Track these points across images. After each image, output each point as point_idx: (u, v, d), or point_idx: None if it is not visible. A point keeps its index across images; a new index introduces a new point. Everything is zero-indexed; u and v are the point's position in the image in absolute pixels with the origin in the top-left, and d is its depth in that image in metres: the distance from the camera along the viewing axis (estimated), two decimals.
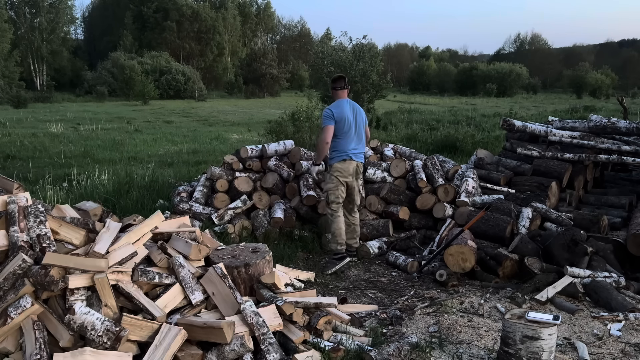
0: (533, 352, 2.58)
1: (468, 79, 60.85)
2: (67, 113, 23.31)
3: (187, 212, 5.53)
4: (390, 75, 26.33)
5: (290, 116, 11.90)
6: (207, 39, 61.45)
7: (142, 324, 2.52)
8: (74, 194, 6.50)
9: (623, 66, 67.90)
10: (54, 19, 53.92)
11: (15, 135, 13.95)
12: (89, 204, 3.51)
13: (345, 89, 4.72)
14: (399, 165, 6.06)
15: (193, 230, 3.33)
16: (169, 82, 44.12)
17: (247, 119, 22.90)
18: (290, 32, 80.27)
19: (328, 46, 31.46)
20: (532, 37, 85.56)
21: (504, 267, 4.12)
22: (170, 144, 13.24)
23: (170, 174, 8.16)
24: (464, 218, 5.04)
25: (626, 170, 7.40)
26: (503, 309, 3.61)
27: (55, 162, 9.82)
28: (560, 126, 6.86)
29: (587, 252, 4.06)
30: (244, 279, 3.09)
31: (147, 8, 59.57)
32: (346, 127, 4.56)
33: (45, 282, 2.48)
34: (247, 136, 15.33)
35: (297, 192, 5.69)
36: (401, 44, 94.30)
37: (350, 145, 4.63)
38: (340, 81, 4.70)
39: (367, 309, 3.66)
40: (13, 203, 2.88)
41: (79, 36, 70.77)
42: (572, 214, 5.23)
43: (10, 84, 38.15)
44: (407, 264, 4.53)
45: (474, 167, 6.25)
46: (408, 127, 15.64)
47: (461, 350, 3.02)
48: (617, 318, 3.45)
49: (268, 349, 2.60)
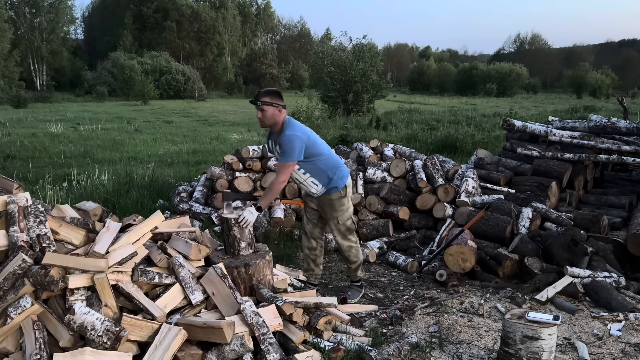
0: (533, 352, 2.58)
1: (468, 79, 60.83)
2: (67, 113, 23.31)
3: (187, 212, 5.54)
4: (390, 75, 26.34)
5: (290, 116, 11.93)
6: (207, 39, 61.45)
7: (142, 324, 2.51)
8: (74, 194, 6.50)
9: (623, 66, 67.89)
10: (54, 19, 53.90)
11: (15, 135, 13.94)
12: (89, 204, 3.51)
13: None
14: (399, 165, 6.06)
15: (193, 230, 3.33)
16: (168, 82, 44.12)
17: (247, 119, 22.91)
18: (290, 32, 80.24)
19: (328, 46, 31.51)
20: (532, 37, 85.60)
21: (504, 267, 4.12)
22: (170, 144, 13.24)
23: (170, 174, 8.16)
24: (464, 218, 5.04)
25: (626, 170, 7.40)
26: (503, 309, 3.61)
27: (55, 162, 9.82)
28: (560, 126, 6.86)
29: (587, 252, 4.06)
30: (243, 279, 3.09)
31: (147, 8, 59.58)
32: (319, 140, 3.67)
33: (45, 282, 2.48)
34: (247, 136, 15.33)
35: (298, 193, 5.69)
36: (401, 44, 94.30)
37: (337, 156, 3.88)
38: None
39: (367, 309, 3.66)
40: (13, 203, 2.88)
41: (79, 36, 70.87)
42: (572, 214, 5.23)
43: (10, 84, 38.16)
44: (407, 264, 4.53)
45: (474, 167, 6.25)
46: (408, 127, 15.63)
47: (461, 350, 3.02)
48: (617, 318, 3.45)
49: (268, 349, 2.60)
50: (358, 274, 3.97)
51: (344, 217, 3.75)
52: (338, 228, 3.78)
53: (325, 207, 3.74)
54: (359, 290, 3.98)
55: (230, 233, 3.21)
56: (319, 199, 3.72)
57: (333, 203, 3.70)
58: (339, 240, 3.83)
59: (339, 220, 3.75)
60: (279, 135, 3.51)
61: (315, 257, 3.96)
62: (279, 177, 3.46)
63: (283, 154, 3.44)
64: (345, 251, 3.87)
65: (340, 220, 3.75)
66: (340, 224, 3.76)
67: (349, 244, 3.85)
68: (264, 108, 3.46)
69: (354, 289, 3.97)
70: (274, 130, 3.60)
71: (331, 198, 3.68)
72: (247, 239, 3.25)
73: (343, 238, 3.82)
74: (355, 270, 3.95)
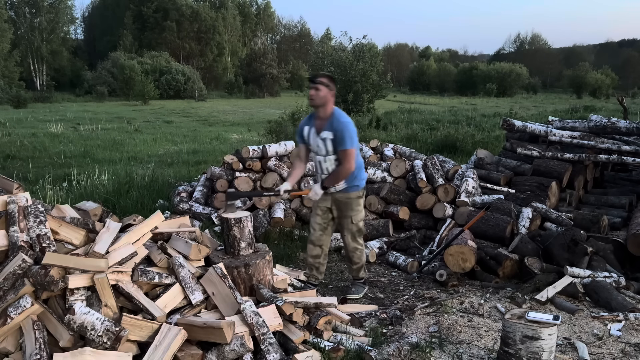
0: (533, 352, 2.58)
1: (468, 79, 60.90)
2: (67, 113, 23.33)
3: (187, 212, 5.54)
4: (390, 75, 26.36)
5: (290, 116, 11.94)
6: (207, 39, 61.48)
7: (142, 324, 2.51)
8: (74, 194, 6.50)
9: (623, 66, 67.93)
10: (54, 19, 53.94)
11: (15, 135, 13.96)
12: (89, 204, 3.51)
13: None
14: (399, 165, 6.06)
15: (193, 230, 3.33)
16: (168, 82, 44.14)
17: (247, 119, 22.92)
18: (290, 32, 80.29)
19: (328, 46, 31.52)
20: (532, 37, 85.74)
21: (504, 267, 4.12)
22: (170, 144, 13.25)
23: (170, 174, 8.16)
24: (464, 218, 5.04)
25: (626, 170, 7.40)
26: (503, 309, 3.61)
27: (55, 162, 9.82)
28: (560, 126, 6.86)
29: (587, 252, 4.06)
30: (243, 279, 3.09)
31: (147, 8, 59.61)
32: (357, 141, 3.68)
33: (45, 282, 2.48)
34: (247, 136, 15.33)
35: None
36: (401, 44, 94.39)
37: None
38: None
39: (367, 309, 3.66)
40: (13, 203, 2.88)
41: (79, 36, 70.87)
42: (572, 214, 5.23)
43: (10, 84, 38.17)
44: (407, 264, 4.53)
45: (474, 167, 6.25)
46: (408, 127, 15.63)
47: (461, 350, 3.02)
48: (617, 318, 3.45)
49: (268, 349, 2.60)
50: (360, 274, 4.01)
51: (357, 218, 3.77)
52: (350, 228, 3.79)
53: (342, 205, 3.74)
54: (362, 286, 4.01)
55: (230, 233, 3.21)
56: (336, 196, 3.72)
57: (351, 202, 3.72)
58: (348, 239, 3.84)
59: (353, 220, 3.76)
60: (328, 120, 3.57)
61: (319, 264, 3.98)
62: (348, 164, 3.53)
63: (345, 140, 3.49)
64: (351, 251, 3.89)
65: (354, 220, 3.77)
66: (353, 224, 3.78)
67: (356, 246, 3.86)
68: (320, 87, 3.53)
69: (357, 285, 4.01)
70: (319, 115, 3.63)
71: (350, 196, 3.70)
72: (247, 239, 3.24)
73: (352, 239, 3.83)
74: (357, 270, 3.99)
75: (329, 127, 3.54)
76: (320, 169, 3.71)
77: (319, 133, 3.61)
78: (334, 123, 3.54)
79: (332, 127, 3.53)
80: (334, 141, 3.54)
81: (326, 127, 3.56)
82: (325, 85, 3.54)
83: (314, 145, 3.67)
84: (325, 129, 3.56)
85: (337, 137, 3.52)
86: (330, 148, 3.58)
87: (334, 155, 3.60)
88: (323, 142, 3.59)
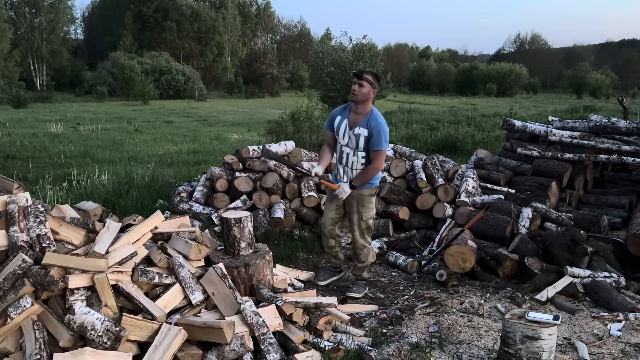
0: (533, 352, 2.58)
1: (468, 79, 60.86)
2: (67, 113, 23.31)
3: (187, 212, 5.54)
4: (390, 75, 26.43)
5: (290, 116, 11.92)
6: (207, 39, 61.47)
7: (142, 324, 2.51)
8: (74, 194, 6.49)
9: (623, 66, 67.91)
10: (54, 19, 53.90)
11: (15, 135, 13.95)
12: (89, 204, 3.51)
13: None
14: (399, 165, 6.06)
15: (193, 230, 3.33)
16: (168, 82, 44.12)
17: (247, 119, 22.91)
18: (290, 32, 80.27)
19: (328, 46, 31.52)
20: (532, 37, 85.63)
21: (504, 267, 4.12)
22: (170, 144, 13.24)
23: (170, 174, 8.15)
24: (464, 218, 5.04)
25: (626, 170, 7.40)
26: (503, 309, 3.61)
27: (55, 162, 9.82)
28: (560, 126, 6.86)
29: (587, 252, 4.07)
30: (243, 279, 3.09)
31: (147, 8, 59.57)
32: None
33: (45, 282, 2.48)
34: (247, 136, 15.33)
35: (298, 193, 5.69)
36: (401, 44, 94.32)
37: None
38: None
39: (367, 309, 3.66)
40: (13, 203, 2.88)
41: (79, 36, 70.83)
42: (572, 214, 5.24)
43: (10, 84, 38.12)
44: (407, 264, 4.53)
45: (474, 167, 6.25)
46: (408, 127, 15.63)
47: (461, 350, 3.02)
48: (617, 318, 3.45)
49: (268, 349, 2.60)
50: (364, 274, 4.08)
51: (367, 215, 3.85)
52: (359, 224, 3.87)
53: (354, 201, 3.81)
54: (364, 286, 4.05)
55: (230, 233, 3.21)
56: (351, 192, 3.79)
57: (363, 199, 3.80)
58: (356, 235, 3.92)
59: (363, 216, 3.84)
60: (365, 117, 3.64)
61: (336, 253, 4.14)
62: (379, 163, 3.66)
63: (381, 141, 3.59)
64: (359, 248, 3.95)
65: (364, 217, 3.85)
66: (363, 221, 3.86)
67: (364, 243, 3.94)
68: (364, 84, 3.59)
69: (359, 284, 4.05)
70: (358, 111, 3.67)
71: (362, 193, 3.78)
72: (247, 239, 3.25)
73: (361, 235, 3.92)
74: (361, 269, 4.05)
75: (365, 125, 3.63)
76: (345, 160, 3.79)
77: (353, 127, 3.68)
78: (371, 122, 3.61)
79: (368, 125, 3.62)
80: (368, 139, 3.63)
81: (362, 124, 3.64)
82: (370, 83, 3.60)
83: (344, 136, 3.76)
84: (360, 125, 3.65)
85: (373, 136, 3.60)
86: (362, 145, 3.66)
87: (364, 152, 3.70)
88: (356, 137, 3.67)
